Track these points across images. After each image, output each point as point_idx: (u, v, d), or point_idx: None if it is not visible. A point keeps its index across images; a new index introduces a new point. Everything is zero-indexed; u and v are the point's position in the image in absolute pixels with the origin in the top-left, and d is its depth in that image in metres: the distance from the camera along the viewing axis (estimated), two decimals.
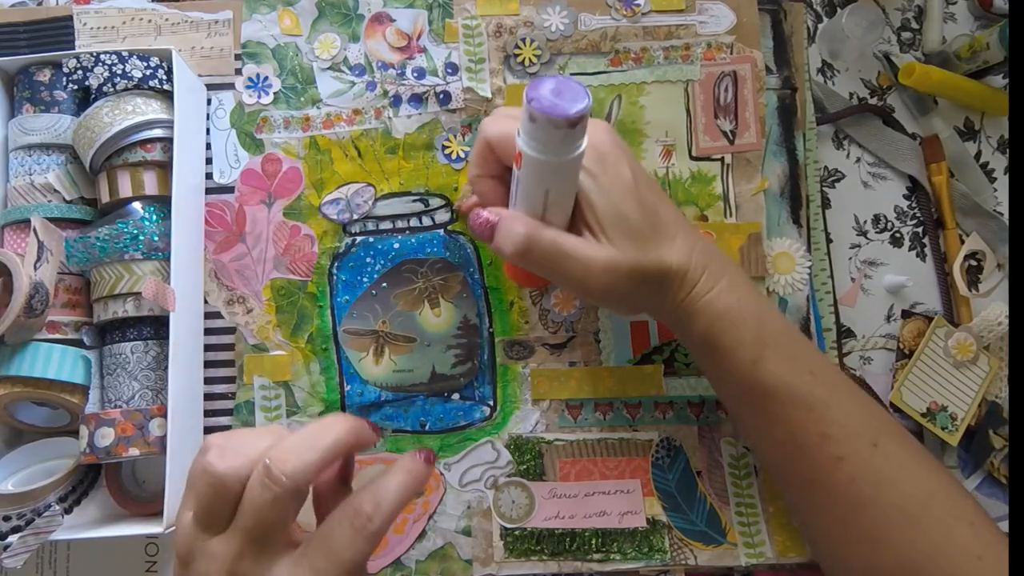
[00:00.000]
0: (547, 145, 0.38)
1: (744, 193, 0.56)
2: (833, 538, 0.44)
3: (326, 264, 0.55)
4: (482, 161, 0.45)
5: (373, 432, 0.38)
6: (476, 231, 0.44)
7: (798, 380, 0.44)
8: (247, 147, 0.56)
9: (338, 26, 0.57)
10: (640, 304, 0.45)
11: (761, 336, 0.44)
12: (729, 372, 0.45)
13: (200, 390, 0.54)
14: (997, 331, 0.57)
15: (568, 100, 0.36)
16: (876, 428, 0.44)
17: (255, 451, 0.35)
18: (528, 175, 0.40)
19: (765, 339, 0.44)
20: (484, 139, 0.44)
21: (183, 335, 0.50)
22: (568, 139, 0.38)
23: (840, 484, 0.43)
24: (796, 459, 0.44)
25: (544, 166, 0.39)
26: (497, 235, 0.43)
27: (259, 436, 0.36)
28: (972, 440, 0.57)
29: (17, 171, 0.52)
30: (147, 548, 0.54)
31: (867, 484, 0.42)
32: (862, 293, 0.59)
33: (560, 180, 0.40)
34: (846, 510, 0.43)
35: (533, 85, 0.37)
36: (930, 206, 0.60)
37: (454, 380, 0.54)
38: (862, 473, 0.42)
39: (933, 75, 0.58)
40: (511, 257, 0.42)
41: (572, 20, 0.57)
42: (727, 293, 0.44)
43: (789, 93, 0.57)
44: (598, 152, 0.43)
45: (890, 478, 0.42)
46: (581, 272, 0.42)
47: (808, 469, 0.44)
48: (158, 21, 0.57)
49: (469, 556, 0.53)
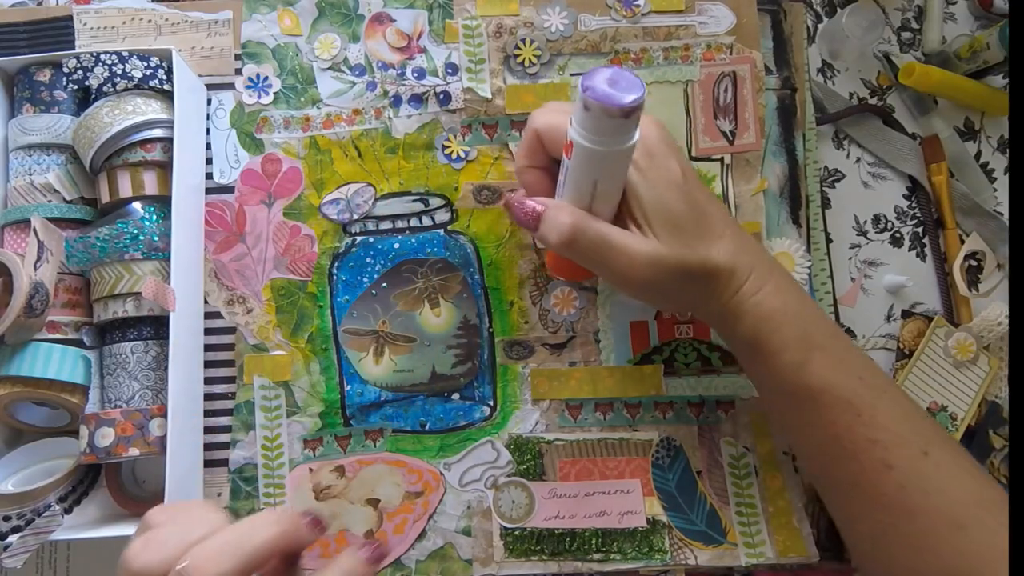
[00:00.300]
0: (600, 134, 0.38)
1: (744, 193, 0.56)
2: (878, 543, 0.43)
3: (326, 264, 0.55)
4: (530, 151, 0.45)
5: (312, 529, 0.35)
6: (521, 220, 0.43)
7: (846, 384, 0.43)
8: (247, 147, 0.56)
9: (338, 26, 0.57)
10: (683, 301, 0.45)
11: (808, 338, 0.43)
12: (774, 373, 0.44)
13: (200, 390, 0.54)
14: (997, 331, 0.57)
15: (623, 90, 0.36)
16: (926, 436, 0.43)
17: (180, 546, 0.32)
18: (578, 165, 0.40)
19: (812, 342, 0.43)
20: (533, 129, 0.44)
21: (183, 335, 0.50)
22: (621, 129, 0.38)
23: (888, 491, 0.42)
24: (841, 463, 0.44)
25: (595, 156, 0.39)
26: (543, 224, 0.43)
27: (194, 524, 0.33)
28: (972, 440, 0.57)
29: (17, 171, 0.52)
30: None
31: (917, 492, 0.41)
32: (862, 293, 0.59)
33: (610, 171, 0.41)
34: (894, 516, 0.42)
35: (589, 74, 0.37)
36: (930, 206, 0.60)
37: (454, 380, 0.55)
38: (912, 481, 0.41)
39: (933, 75, 0.58)
40: (556, 246, 0.42)
41: (572, 20, 0.57)
42: (774, 295, 0.44)
43: (789, 93, 0.57)
44: (647, 146, 0.43)
45: (940, 487, 0.41)
46: (625, 265, 0.42)
47: (854, 474, 0.43)
48: (158, 21, 0.57)
49: (469, 556, 0.53)
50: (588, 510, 0.53)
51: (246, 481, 0.53)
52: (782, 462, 0.54)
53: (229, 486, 0.53)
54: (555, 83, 0.56)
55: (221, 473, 0.53)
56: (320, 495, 0.53)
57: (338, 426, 0.54)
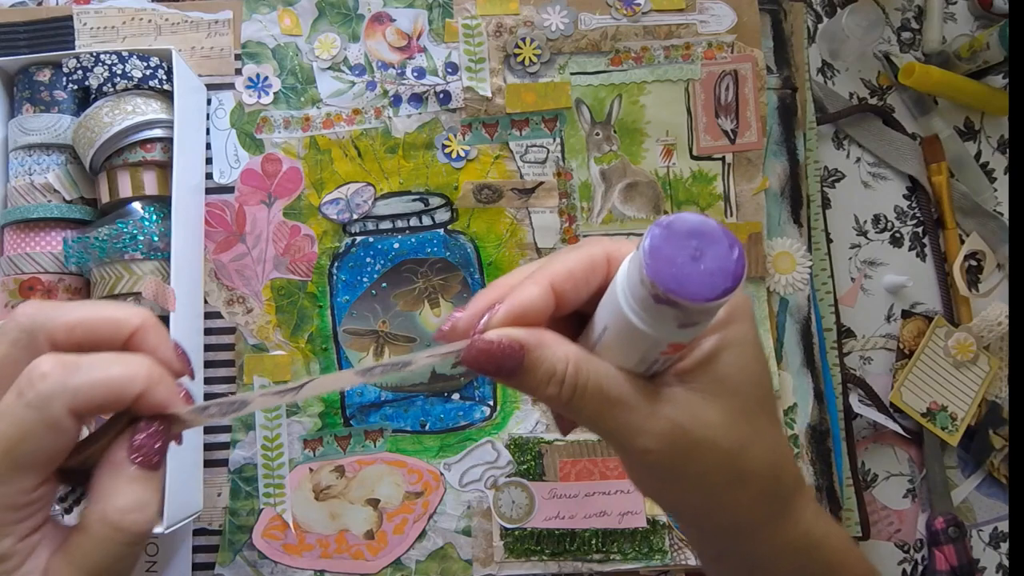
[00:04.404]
0: (665, 323, 0.25)
1: (745, 192, 0.56)
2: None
3: (326, 264, 0.55)
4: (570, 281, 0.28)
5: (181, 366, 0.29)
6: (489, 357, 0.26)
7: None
8: (247, 147, 0.56)
9: (338, 26, 0.57)
10: (726, 516, 0.29)
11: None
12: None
13: (200, 390, 0.54)
14: (997, 331, 0.57)
15: (713, 270, 0.23)
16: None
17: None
18: (620, 339, 0.27)
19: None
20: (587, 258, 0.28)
21: (183, 335, 0.50)
22: (703, 318, 0.25)
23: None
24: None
25: (646, 338, 0.26)
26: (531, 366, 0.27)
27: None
28: (972, 440, 0.57)
29: (17, 171, 0.52)
30: (147, 548, 0.54)
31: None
32: (862, 293, 0.59)
33: (655, 345, 0.27)
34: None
35: (661, 234, 0.24)
36: (930, 206, 0.60)
37: (454, 380, 0.54)
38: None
39: (933, 75, 0.58)
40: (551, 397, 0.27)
41: (572, 20, 0.57)
42: (824, 518, 0.31)
43: (789, 93, 0.57)
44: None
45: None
46: (636, 426, 0.27)
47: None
48: (158, 21, 0.57)
49: (469, 556, 0.53)
50: (588, 510, 0.53)
51: (246, 481, 0.53)
52: None
53: (229, 486, 0.53)
54: (555, 82, 0.56)
55: (221, 473, 0.53)
56: (320, 495, 0.53)
57: (338, 426, 0.54)
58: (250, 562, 0.52)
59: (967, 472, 0.58)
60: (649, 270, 0.23)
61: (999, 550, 0.58)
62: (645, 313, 0.25)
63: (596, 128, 0.56)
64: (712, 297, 0.23)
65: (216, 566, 0.52)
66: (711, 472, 0.27)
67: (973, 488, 0.58)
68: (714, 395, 0.27)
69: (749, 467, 0.28)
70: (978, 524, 0.58)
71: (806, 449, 0.54)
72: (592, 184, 0.56)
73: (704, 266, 0.23)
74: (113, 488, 0.27)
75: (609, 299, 0.27)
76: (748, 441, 0.27)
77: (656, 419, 0.27)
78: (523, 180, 0.56)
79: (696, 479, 0.28)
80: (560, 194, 0.56)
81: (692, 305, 0.24)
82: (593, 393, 0.27)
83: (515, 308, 0.27)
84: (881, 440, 0.58)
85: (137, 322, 0.27)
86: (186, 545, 0.53)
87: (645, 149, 0.56)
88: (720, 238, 0.24)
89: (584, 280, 0.27)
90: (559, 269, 0.27)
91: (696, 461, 0.27)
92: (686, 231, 0.24)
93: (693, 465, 0.27)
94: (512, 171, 0.56)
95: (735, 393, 0.27)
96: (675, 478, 0.28)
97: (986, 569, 0.57)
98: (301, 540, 0.53)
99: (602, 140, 0.56)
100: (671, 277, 0.23)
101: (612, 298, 0.26)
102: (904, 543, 0.57)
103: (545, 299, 0.27)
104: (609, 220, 0.56)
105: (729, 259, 0.24)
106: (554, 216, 0.56)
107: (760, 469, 0.28)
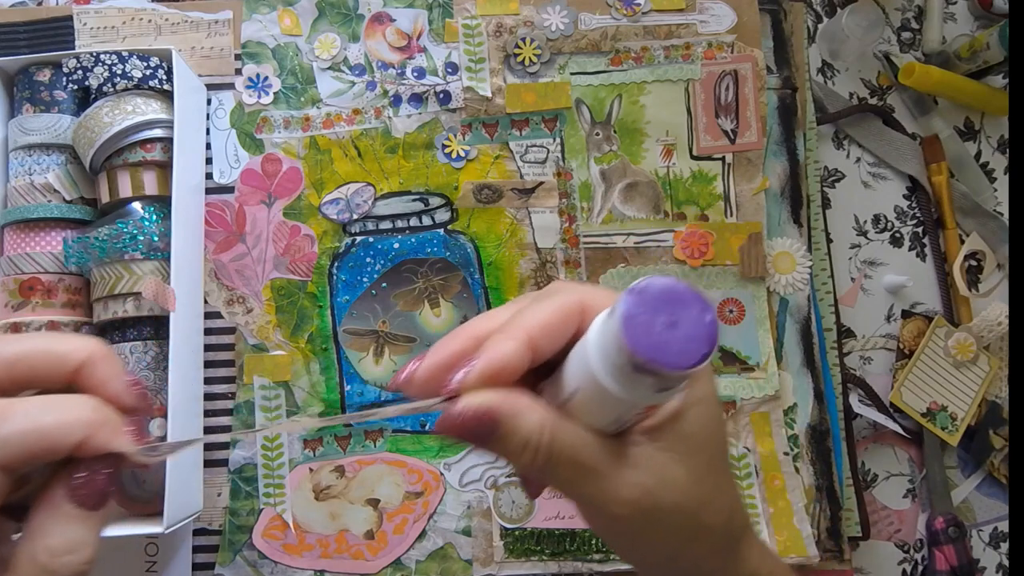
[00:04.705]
0: (635, 388, 0.25)
1: (745, 192, 0.56)
2: None
3: (326, 264, 0.55)
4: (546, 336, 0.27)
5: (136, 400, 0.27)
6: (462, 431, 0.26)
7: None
8: (247, 147, 0.56)
9: (338, 26, 0.57)
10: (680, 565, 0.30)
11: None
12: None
13: (200, 390, 0.54)
14: (997, 331, 0.57)
15: (690, 336, 0.24)
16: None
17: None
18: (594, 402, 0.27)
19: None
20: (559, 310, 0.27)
21: (183, 335, 0.50)
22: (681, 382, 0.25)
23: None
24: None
25: (618, 403, 0.26)
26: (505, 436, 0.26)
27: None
28: (972, 440, 0.57)
29: (17, 171, 0.52)
30: (147, 548, 0.54)
31: None
32: (862, 293, 0.59)
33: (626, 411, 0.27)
34: None
35: (636, 299, 0.24)
36: (930, 206, 0.60)
37: None
38: None
39: (933, 75, 0.58)
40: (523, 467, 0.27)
41: (572, 19, 0.57)
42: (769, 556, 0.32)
43: (789, 93, 0.57)
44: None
45: None
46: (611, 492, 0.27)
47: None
48: (158, 21, 0.57)
49: (469, 556, 0.53)
50: None
51: (246, 481, 0.53)
52: (783, 463, 0.54)
53: (229, 486, 0.53)
54: (555, 82, 0.56)
55: (221, 473, 0.53)
56: (320, 495, 0.53)
57: (338, 426, 0.54)
58: (250, 562, 0.52)
59: (967, 472, 0.58)
60: (628, 341, 0.23)
61: (999, 550, 0.58)
62: (624, 379, 0.25)
63: (596, 128, 0.56)
64: (693, 364, 0.23)
65: (216, 566, 0.52)
66: (674, 531, 0.28)
67: (973, 488, 0.58)
68: (680, 453, 0.28)
69: (708, 522, 0.29)
70: (978, 524, 0.58)
71: (806, 449, 0.54)
72: (592, 184, 0.56)
73: (681, 332, 0.24)
74: (46, 527, 0.25)
75: (580, 359, 0.27)
76: (709, 497, 0.28)
77: (626, 487, 0.27)
78: (523, 180, 0.56)
79: (660, 538, 0.28)
80: (560, 194, 0.56)
81: (673, 373, 0.24)
82: (567, 461, 0.27)
83: (491, 367, 0.26)
84: (881, 440, 0.58)
85: (83, 355, 0.25)
86: (186, 545, 0.53)
87: (645, 149, 0.56)
88: (692, 302, 0.24)
89: (560, 333, 0.27)
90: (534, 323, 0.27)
91: (661, 523, 0.28)
92: (659, 297, 0.24)
93: (659, 526, 0.28)
94: (512, 171, 0.56)
95: (701, 450, 0.28)
96: (640, 538, 0.29)
97: (986, 569, 0.57)
98: (301, 540, 0.53)
99: (602, 140, 0.56)
100: (651, 347, 0.23)
101: (584, 360, 0.26)
102: (904, 543, 0.57)
103: (521, 356, 0.26)
104: (609, 220, 0.56)
105: (703, 323, 0.24)
106: (554, 216, 0.56)
107: (717, 523, 0.29)
